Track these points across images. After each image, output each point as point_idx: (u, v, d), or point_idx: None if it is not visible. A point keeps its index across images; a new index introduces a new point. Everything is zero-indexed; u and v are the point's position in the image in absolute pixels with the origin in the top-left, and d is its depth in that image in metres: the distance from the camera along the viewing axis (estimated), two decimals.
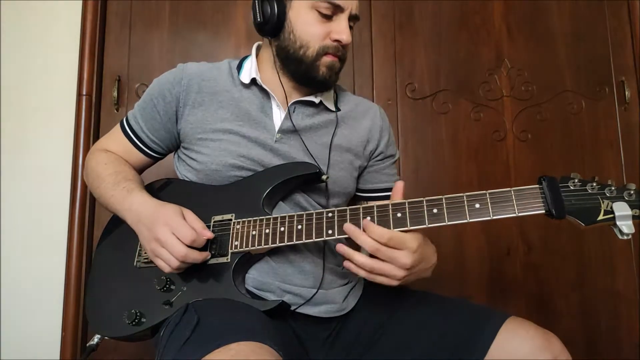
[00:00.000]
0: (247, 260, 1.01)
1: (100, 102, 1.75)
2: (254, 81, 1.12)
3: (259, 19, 1.10)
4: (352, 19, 1.09)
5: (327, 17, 1.06)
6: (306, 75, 1.09)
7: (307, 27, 1.06)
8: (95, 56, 1.74)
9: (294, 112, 1.12)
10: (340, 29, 1.06)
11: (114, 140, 1.19)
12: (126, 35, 1.79)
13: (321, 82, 1.09)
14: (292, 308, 1.01)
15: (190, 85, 1.11)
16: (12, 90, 1.71)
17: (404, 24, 1.87)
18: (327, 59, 1.07)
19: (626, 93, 1.88)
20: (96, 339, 1.05)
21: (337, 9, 1.06)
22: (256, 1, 1.10)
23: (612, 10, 1.94)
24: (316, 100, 1.13)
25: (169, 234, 0.93)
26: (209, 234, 0.96)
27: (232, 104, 1.10)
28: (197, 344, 0.80)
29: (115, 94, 1.74)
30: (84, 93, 1.71)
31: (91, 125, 1.70)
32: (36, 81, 1.73)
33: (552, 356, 0.90)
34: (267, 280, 1.02)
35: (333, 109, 1.17)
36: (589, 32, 1.92)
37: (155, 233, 0.94)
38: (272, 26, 1.08)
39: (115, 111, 1.74)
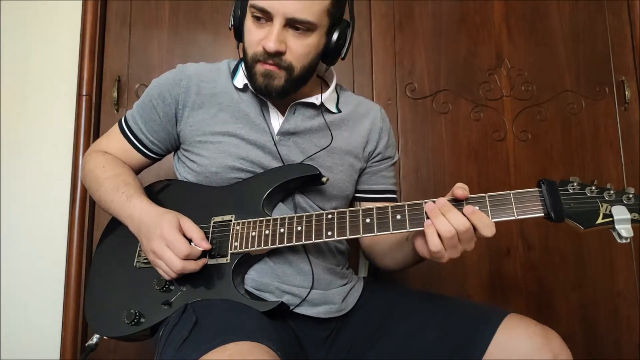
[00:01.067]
0: (247, 261, 1.01)
1: (100, 102, 1.75)
2: (247, 86, 1.11)
3: (229, 25, 1.10)
4: (295, 22, 0.99)
5: (260, 20, 1.01)
6: (251, 83, 1.06)
7: (246, 34, 1.04)
8: (95, 56, 1.73)
9: (294, 113, 1.11)
10: (267, 35, 0.99)
11: (111, 140, 1.19)
12: (126, 35, 1.79)
13: (260, 91, 1.05)
14: (291, 309, 1.01)
15: (189, 86, 1.10)
16: (12, 91, 1.71)
17: (403, 24, 1.87)
18: (260, 67, 1.02)
19: (626, 93, 1.88)
20: (95, 338, 1.05)
21: (266, 14, 0.99)
22: (232, 8, 1.09)
23: (612, 10, 1.93)
24: (317, 101, 1.12)
25: (165, 249, 0.94)
26: (205, 245, 0.97)
27: (232, 106, 1.10)
28: (195, 344, 0.80)
29: (115, 94, 1.74)
30: (84, 93, 1.70)
31: (91, 126, 1.70)
32: (36, 81, 1.73)
33: (552, 353, 0.90)
34: (266, 281, 1.02)
35: (334, 110, 1.16)
36: (589, 32, 1.92)
37: (153, 247, 0.95)
38: (237, 32, 1.08)
39: (115, 111, 1.74)
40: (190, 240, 0.96)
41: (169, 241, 0.94)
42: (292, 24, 0.99)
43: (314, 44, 1.03)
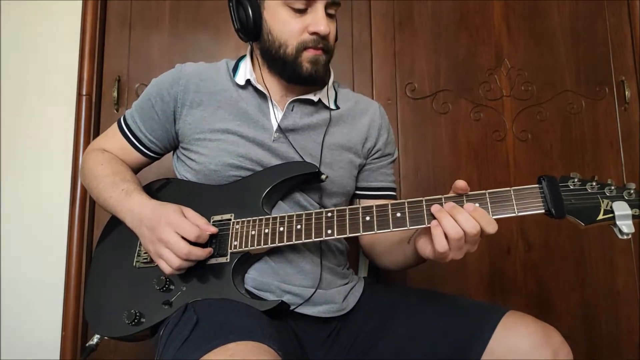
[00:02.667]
0: (247, 260, 1.01)
1: (100, 102, 1.75)
2: (249, 82, 1.11)
3: (236, 26, 1.10)
4: (331, 5, 1.06)
5: (301, 11, 1.04)
6: (292, 73, 1.07)
7: (283, 26, 1.05)
8: (95, 56, 1.74)
9: (292, 110, 1.11)
10: (316, 20, 1.03)
11: (110, 139, 1.19)
12: (126, 35, 1.79)
13: (307, 79, 1.07)
14: (291, 308, 1.01)
15: (188, 85, 1.11)
16: (12, 91, 1.71)
17: (403, 24, 1.87)
18: (308, 54, 1.05)
19: (626, 93, 1.88)
20: (95, 339, 1.06)
21: (309, 1, 1.03)
22: (231, 8, 1.09)
23: (612, 9, 1.93)
24: (315, 98, 1.12)
25: (172, 233, 0.93)
26: (212, 229, 0.97)
27: (230, 104, 1.10)
28: (196, 344, 0.80)
29: (115, 94, 1.74)
30: (84, 93, 1.71)
31: (91, 126, 1.70)
32: (36, 81, 1.73)
33: (552, 350, 0.89)
34: (267, 280, 1.02)
35: (332, 106, 1.16)
36: (589, 32, 1.92)
37: (159, 233, 0.94)
38: (250, 31, 1.08)
39: (115, 111, 1.74)
40: None
41: (177, 225, 0.94)
42: (328, 7, 1.05)
43: (336, 26, 1.11)
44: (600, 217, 0.82)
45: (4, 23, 1.73)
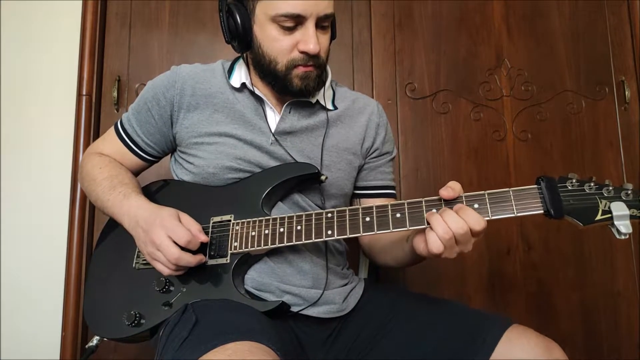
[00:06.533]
0: (247, 260, 1.01)
1: (100, 102, 1.75)
2: (244, 85, 1.11)
3: (226, 39, 1.08)
4: (324, 19, 1.02)
5: (291, 29, 1.01)
6: (283, 88, 1.06)
7: (272, 43, 1.02)
8: (95, 56, 1.74)
9: (289, 113, 1.11)
10: (306, 39, 1.00)
11: (108, 143, 1.18)
12: (126, 35, 1.79)
13: (298, 93, 1.06)
14: (295, 310, 1.01)
15: (184, 88, 1.10)
16: (12, 90, 1.71)
17: (403, 24, 1.87)
18: (298, 71, 1.03)
19: (626, 93, 1.88)
20: (95, 340, 1.05)
21: (299, 19, 0.99)
22: (222, 19, 1.07)
23: (612, 9, 1.94)
24: (312, 100, 1.12)
25: (164, 237, 0.93)
26: (203, 237, 0.96)
27: (227, 107, 1.10)
28: (195, 344, 0.80)
29: (115, 94, 1.74)
30: (84, 93, 1.71)
31: (91, 125, 1.70)
32: (36, 81, 1.73)
33: None
34: (266, 281, 1.01)
35: (330, 107, 1.16)
36: (589, 32, 1.92)
37: (151, 236, 0.94)
38: (241, 43, 1.06)
39: (116, 111, 1.74)
40: None
41: (169, 228, 0.94)
42: (320, 21, 1.02)
43: (330, 35, 1.09)
44: (599, 217, 0.82)
45: (4, 23, 1.73)
